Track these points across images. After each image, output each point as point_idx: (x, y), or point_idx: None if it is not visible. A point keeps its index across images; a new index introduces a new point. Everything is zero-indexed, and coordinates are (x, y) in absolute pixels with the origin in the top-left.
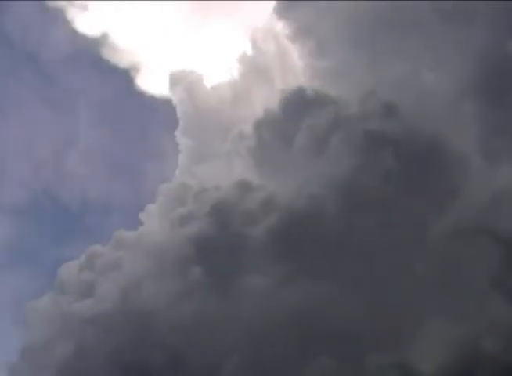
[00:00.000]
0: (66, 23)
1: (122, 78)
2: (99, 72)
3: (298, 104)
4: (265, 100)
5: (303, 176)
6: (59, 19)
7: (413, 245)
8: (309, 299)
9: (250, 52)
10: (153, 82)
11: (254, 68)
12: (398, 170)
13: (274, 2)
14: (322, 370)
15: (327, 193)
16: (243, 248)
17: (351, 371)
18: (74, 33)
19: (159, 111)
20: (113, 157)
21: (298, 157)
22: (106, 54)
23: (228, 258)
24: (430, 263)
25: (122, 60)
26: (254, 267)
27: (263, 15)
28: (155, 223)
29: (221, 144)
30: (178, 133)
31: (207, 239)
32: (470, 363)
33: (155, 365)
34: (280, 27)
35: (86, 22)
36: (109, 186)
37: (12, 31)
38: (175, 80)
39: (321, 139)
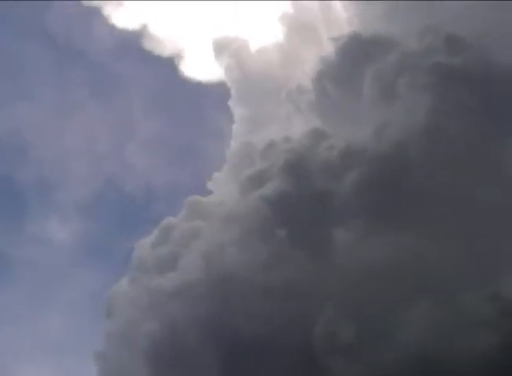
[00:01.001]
0: (103, 20)
1: (167, 67)
2: (143, 63)
3: (356, 50)
4: (314, 58)
5: (378, 124)
6: (96, 16)
7: (496, 189)
8: (398, 250)
9: (291, 10)
10: (198, 68)
11: (299, 27)
12: (476, 106)
13: None
14: (421, 312)
15: (408, 139)
16: (326, 204)
17: (450, 309)
18: (113, 28)
19: (208, 95)
20: (171, 143)
21: (368, 104)
22: (148, 45)
23: (311, 215)
24: None
25: (164, 50)
26: (340, 222)
27: None
28: (225, 190)
29: (277, 108)
30: (231, 103)
31: (285, 197)
32: None
33: (247, 333)
34: None
35: (123, 17)
36: (171, 173)
37: (55, 32)
38: (220, 48)
39: (389, 82)
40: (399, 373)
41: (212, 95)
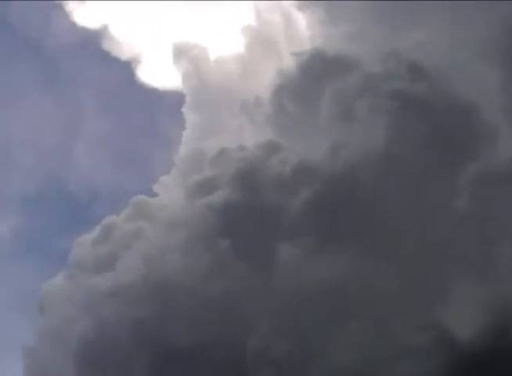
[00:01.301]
0: (65, 16)
1: (123, 70)
2: (100, 64)
3: (317, 67)
4: (272, 72)
5: (333, 143)
6: (58, 11)
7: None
8: (340, 271)
9: (254, 23)
10: (154, 74)
11: (260, 40)
12: (431, 135)
13: None
14: (353, 335)
15: (363, 162)
16: (274, 218)
17: (383, 334)
18: (74, 25)
19: (162, 102)
20: (119, 146)
21: (325, 122)
22: (107, 46)
23: (257, 228)
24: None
25: (123, 52)
26: (286, 238)
27: None
28: (172, 194)
29: (231, 118)
30: (184, 109)
31: (232, 208)
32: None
33: (180, 341)
34: None
35: (84, 15)
36: (117, 175)
37: (14, 21)
38: (179, 53)
39: (348, 103)
40: None
41: (166, 103)
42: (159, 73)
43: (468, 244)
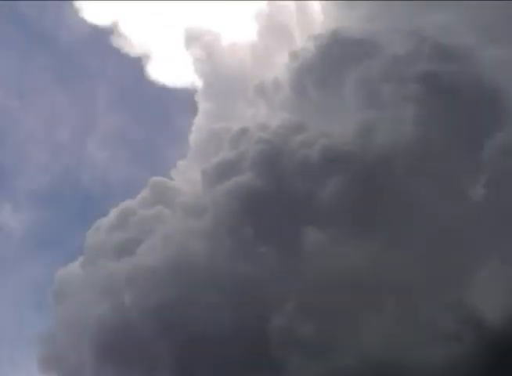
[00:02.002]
0: (75, 13)
1: (133, 67)
2: (111, 60)
3: (337, 49)
4: (285, 58)
5: (361, 127)
6: (68, 8)
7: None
8: (368, 257)
9: (267, 8)
10: (164, 71)
11: (273, 26)
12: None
13: None
14: (379, 319)
15: (392, 147)
16: (299, 203)
17: (410, 319)
18: (83, 22)
19: (172, 98)
20: (132, 139)
21: (348, 106)
22: (117, 43)
23: (280, 212)
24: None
25: (132, 49)
26: (312, 223)
27: None
28: (190, 179)
29: (245, 104)
30: (197, 97)
31: (255, 192)
32: None
33: (202, 326)
34: None
35: (94, 11)
36: (130, 168)
37: (27, 14)
38: (191, 38)
39: (371, 86)
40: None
41: (177, 98)
42: (169, 69)
43: (494, 225)
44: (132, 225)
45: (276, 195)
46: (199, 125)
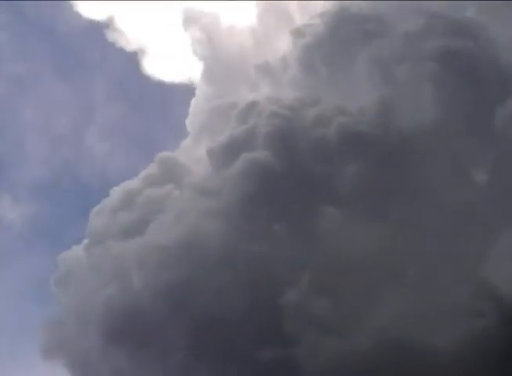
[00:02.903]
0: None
1: (129, 61)
2: (107, 54)
3: (345, 25)
4: (286, 40)
5: (377, 106)
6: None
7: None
8: (384, 232)
9: None
10: (160, 67)
11: (272, 7)
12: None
13: None
14: (395, 296)
15: (407, 124)
16: (314, 182)
17: (426, 295)
18: (79, 17)
19: (168, 94)
20: (132, 132)
21: (360, 83)
22: (112, 37)
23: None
24: None
25: (128, 44)
26: (329, 202)
27: None
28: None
29: (247, 85)
30: (199, 83)
31: (268, 170)
32: None
33: (214, 306)
34: None
35: (90, 6)
36: (130, 160)
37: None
38: (189, 20)
39: (384, 63)
40: (373, 354)
41: (173, 94)
42: (165, 66)
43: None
44: (139, 205)
45: (290, 172)
46: (199, 106)
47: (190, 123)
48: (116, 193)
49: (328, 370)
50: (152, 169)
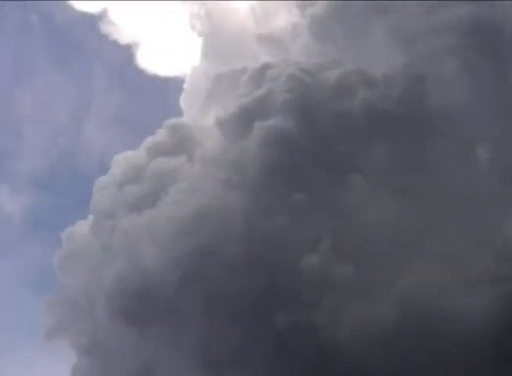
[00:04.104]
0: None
1: (122, 54)
2: (101, 47)
3: None
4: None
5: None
6: None
7: None
8: (407, 202)
9: None
10: (154, 60)
11: None
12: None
13: None
14: (419, 264)
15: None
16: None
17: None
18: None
19: (163, 88)
20: (130, 123)
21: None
22: (105, 30)
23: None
24: None
25: (122, 36)
26: (353, 168)
27: None
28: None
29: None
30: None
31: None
32: None
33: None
34: None
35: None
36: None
37: None
38: None
39: (400, 26)
40: (395, 320)
41: (168, 88)
42: (158, 60)
43: None
44: (148, 177)
45: (310, 141)
46: (198, 81)
47: (185, 101)
48: (120, 164)
49: (348, 336)
50: (162, 135)
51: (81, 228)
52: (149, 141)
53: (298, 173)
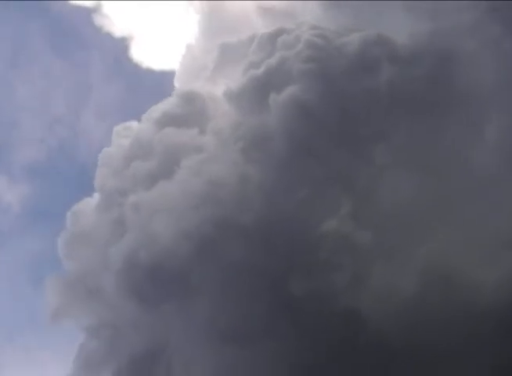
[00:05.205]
0: None
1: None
2: (94, 39)
3: None
4: None
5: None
6: None
7: None
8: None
9: None
10: (148, 54)
11: None
12: None
13: None
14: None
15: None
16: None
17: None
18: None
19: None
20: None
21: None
22: (99, 22)
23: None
24: None
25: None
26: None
27: None
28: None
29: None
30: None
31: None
32: None
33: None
34: None
35: None
36: None
37: None
38: None
39: None
40: (417, 287)
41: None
42: (152, 53)
43: None
44: (158, 150)
45: (331, 110)
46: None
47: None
48: (122, 135)
49: (369, 303)
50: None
51: (86, 207)
52: (156, 111)
53: (317, 143)
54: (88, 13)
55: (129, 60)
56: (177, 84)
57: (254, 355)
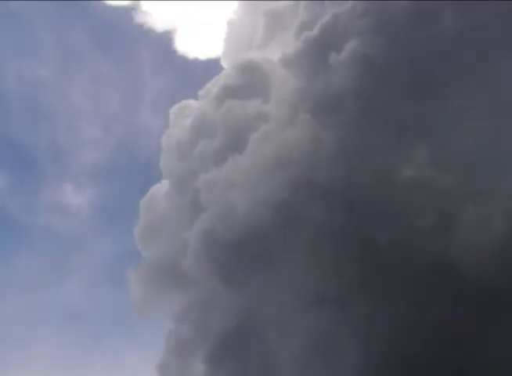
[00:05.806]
0: None
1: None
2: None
3: None
4: None
5: None
6: None
7: None
8: None
9: None
10: (191, 45)
11: None
12: None
13: None
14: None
15: None
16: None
17: None
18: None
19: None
20: None
21: None
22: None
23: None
24: None
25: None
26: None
27: None
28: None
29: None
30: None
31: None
32: None
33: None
34: None
35: None
36: None
37: None
38: None
39: None
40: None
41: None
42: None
43: None
44: (222, 128)
45: (396, 61)
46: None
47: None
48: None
49: (459, 246)
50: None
51: (156, 195)
52: (213, 86)
53: (387, 96)
54: (127, 12)
55: (175, 53)
56: (224, 64)
57: (351, 316)
